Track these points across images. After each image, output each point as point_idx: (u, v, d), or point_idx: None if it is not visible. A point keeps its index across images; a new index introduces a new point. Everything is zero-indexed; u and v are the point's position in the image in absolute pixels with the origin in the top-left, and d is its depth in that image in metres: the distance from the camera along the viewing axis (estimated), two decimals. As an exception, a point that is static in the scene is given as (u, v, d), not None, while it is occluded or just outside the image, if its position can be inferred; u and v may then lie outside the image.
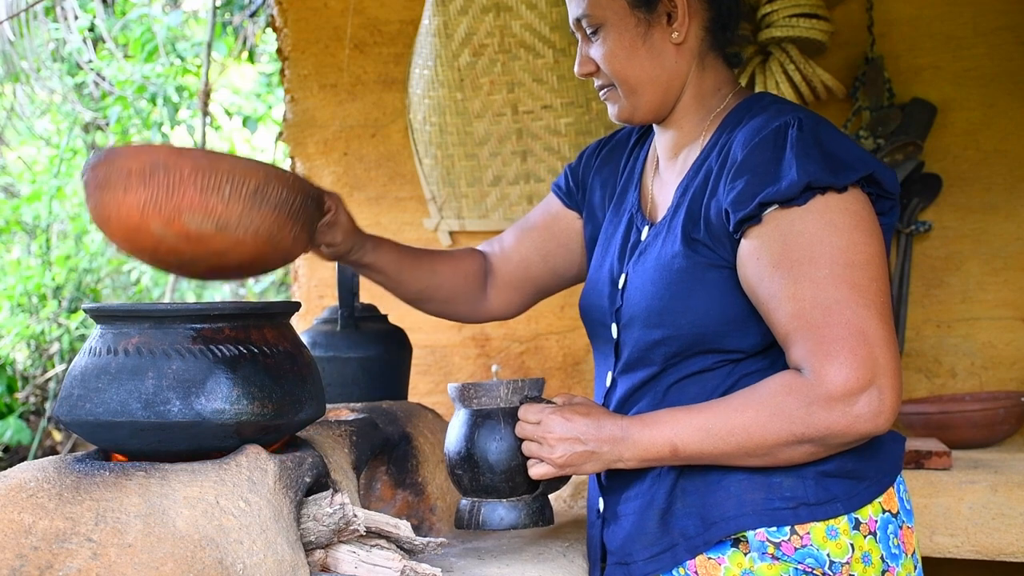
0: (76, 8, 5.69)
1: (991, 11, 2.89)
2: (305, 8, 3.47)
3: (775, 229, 1.46)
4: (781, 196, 1.45)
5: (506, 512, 1.59)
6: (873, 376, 1.40)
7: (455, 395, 1.63)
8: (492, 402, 1.61)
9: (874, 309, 1.43)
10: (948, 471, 2.35)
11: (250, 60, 5.86)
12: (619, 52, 1.62)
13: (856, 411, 1.41)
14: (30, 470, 1.35)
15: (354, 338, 2.13)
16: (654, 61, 1.62)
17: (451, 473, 1.63)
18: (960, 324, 2.94)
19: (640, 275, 1.62)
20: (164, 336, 1.36)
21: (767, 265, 1.47)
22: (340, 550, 1.43)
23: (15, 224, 6.05)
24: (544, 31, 2.94)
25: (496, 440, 1.58)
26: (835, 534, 1.50)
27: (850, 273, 1.43)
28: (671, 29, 1.61)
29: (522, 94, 3.02)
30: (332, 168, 3.49)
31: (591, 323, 1.77)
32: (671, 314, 1.55)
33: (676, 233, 1.58)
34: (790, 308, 1.44)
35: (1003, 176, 2.90)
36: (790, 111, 1.55)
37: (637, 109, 1.66)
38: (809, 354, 1.42)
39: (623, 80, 1.63)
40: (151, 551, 1.24)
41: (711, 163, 1.59)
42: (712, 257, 1.54)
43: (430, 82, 3.07)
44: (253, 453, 1.36)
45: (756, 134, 1.52)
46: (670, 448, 1.50)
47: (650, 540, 1.58)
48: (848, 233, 1.45)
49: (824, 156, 1.47)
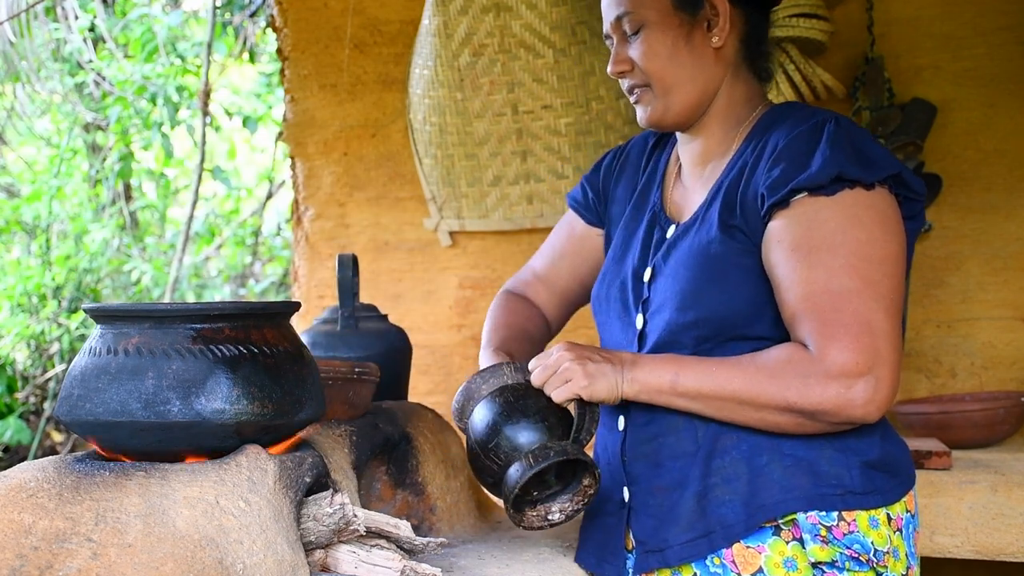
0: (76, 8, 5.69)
1: (991, 11, 2.89)
2: (305, 8, 3.47)
3: (801, 215, 1.52)
4: (811, 183, 1.51)
5: (548, 452, 1.51)
6: (873, 364, 1.45)
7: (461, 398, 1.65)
8: (499, 381, 1.64)
9: (883, 303, 1.48)
10: (948, 471, 2.35)
11: (250, 60, 5.86)
12: (661, 51, 1.65)
13: (850, 394, 1.45)
14: (30, 470, 1.35)
15: (354, 338, 2.13)
16: (694, 63, 1.66)
17: (484, 456, 1.56)
18: (960, 324, 2.95)
19: (671, 265, 1.65)
20: (164, 336, 1.36)
21: (787, 248, 1.52)
22: (340, 550, 1.43)
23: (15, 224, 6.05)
24: (544, 31, 2.94)
25: (520, 398, 1.58)
26: (876, 524, 1.55)
27: (865, 266, 1.48)
28: (711, 34, 1.65)
29: (522, 94, 3.02)
30: (332, 168, 3.49)
31: (607, 315, 1.78)
32: (706, 296, 1.58)
33: (712, 222, 1.62)
34: (801, 290, 1.49)
35: (1003, 176, 2.90)
36: (826, 112, 1.61)
37: (669, 110, 1.68)
38: (814, 333, 1.47)
39: (660, 79, 1.66)
40: (151, 551, 1.24)
41: (746, 158, 1.63)
42: (747, 244, 1.58)
43: (430, 82, 3.07)
44: (253, 453, 1.36)
45: (796, 127, 1.58)
46: (671, 378, 1.55)
47: (685, 525, 1.59)
48: (870, 228, 1.50)
49: (856, 152, 1.53)
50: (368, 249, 3.44)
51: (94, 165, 6.26)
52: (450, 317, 3.39)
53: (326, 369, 1.74)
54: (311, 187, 3.54)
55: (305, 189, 3.56)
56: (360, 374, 1.83)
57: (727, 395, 1.53)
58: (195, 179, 5.39)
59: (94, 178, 6.30)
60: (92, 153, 6.31)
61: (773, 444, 1.56)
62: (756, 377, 1.51)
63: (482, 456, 1.56)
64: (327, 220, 3.53)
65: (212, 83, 5.29)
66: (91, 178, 6.30)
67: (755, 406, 1.52)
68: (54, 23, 5.74)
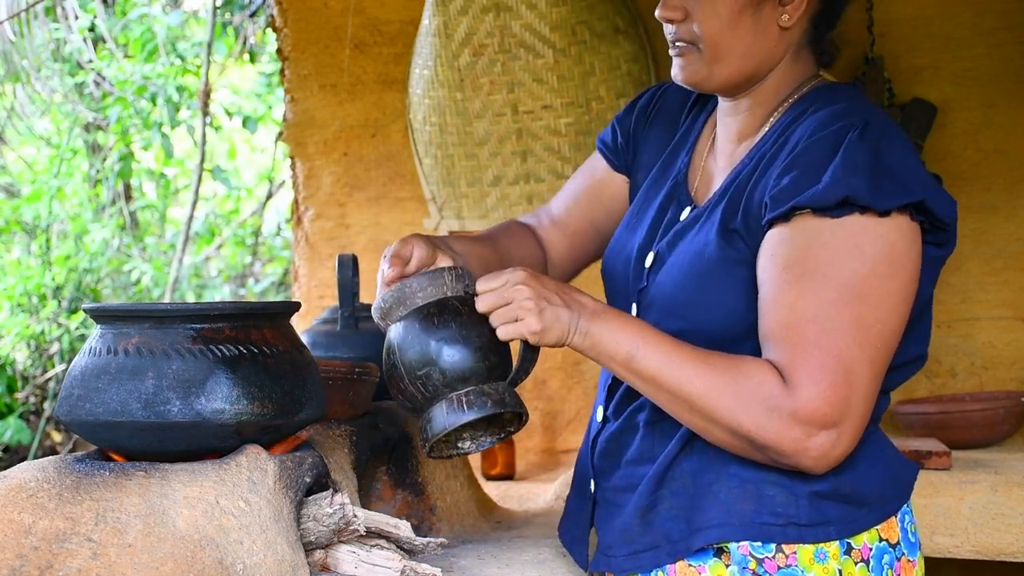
0: (76, 8, 5.69)
1: (991, 11, 2.89)
2: (305, 8, 3.47)
3: (800, 232, 1.38)
4: (815, 203, 1.36)
5: (484, 400, 1.38)
6: (840, 418, 1.34)
7: (391, 299, 1.43)
8: (439, 291, 1.42)
9: (868, 352, 1.35)
10: (948, 471, 2.35)
11: (250, 60, 5.86)
12: (724, 13, 1.47)
13: (808, 443, 1.35)
14: (30, 470, 1.35)
15: (354, 338, 2.13)
16: (756, 36, 1.48)
17: (410, 383, 1.40)
18: (960, 324, 2.94)
19: (670, 262, 1.53)
20: (164, 336, 1.36)
21: (779, 265, 1.39)
22: (340, 550, 1.43)
23: (15, 224, 6.05)
24: (544, 31, 2.94)
25: (462, 325, 1.39)
26: (824, 557, 1.43)
27: (858, 305, 1.35)
28: (782, 10, 1.48)
29: (522, 94, 3.02)
30: (332, 168, 3.49)
31: (611, 291, 1.67)
32: (694, 307, 1.47)
33: (714, 221, 1.48)
34: (784, 316, 1.37)
35: (1003, 176, 2.90)
36: (861, 110, 1.44)
37: (712, 78, 1.52)
38: (791, 365, 1.35)
39: (714, 45, 1.49)
40: (151, 551, 1.24)
41: (765, 150, 1.49)
42: (745, 252, 1.44)
43: (430, 82, 3.07)
44: (253, 453, 1.36)
45: (821, 128, 1.42)
46: (627, 351, 1.40)
47: (631, 536, 1.51)
48: (873, 262, 1.35)
49: (874, 171, 1.36)
50: (368, 249, 3.44)
51: (94, 165, 6.25)
52: (450, 317, 3.39)
53: (326, 369, 1.74)
54: (311, 187, 3.54)
55: (305, 189, 3.55)
56: (360, 374, 1.83)
57: (681, 394, 1.39)
58: (195, 179, 5.39)
59: (94, 178, 6.30)
60: (92, 153, 6.31)
61: (721, 462, 1.45)
62: (719, 387, 1.37)
63: (407, 380, 1.40)
64: (327, 220, 3.53)
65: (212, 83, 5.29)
66: (91, 178, 6.30)
67: (705, 416, 1.39)
68: (54, 23, 5.74)
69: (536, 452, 3.26)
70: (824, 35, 1.55)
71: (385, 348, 1.45)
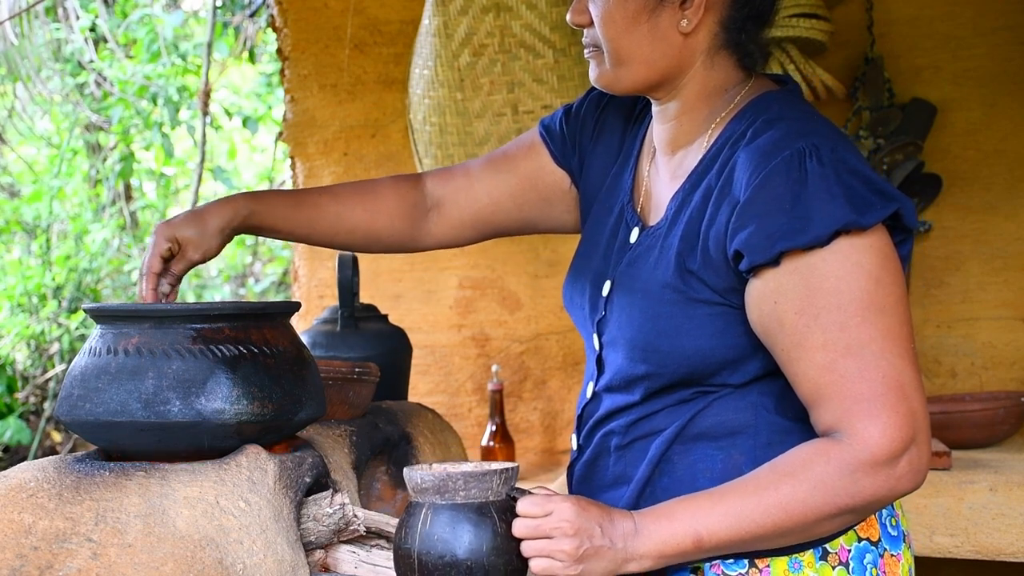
0: (77, 8, 5.69)
1: (991, 11, 2.89)
2: (305, 8, 3.47)
3: (794, 272, 1.33)
4: (808, 244, 1.31)
5: None
6: (914, 432, 1.30)
7: (430, 484, 1.31)
8: (483, 494, 1.31)
9: (908, 358, 1.32)
10: (948, 471, 2.35)
11: (250, 60, 5.86)
12: (618, 18, 1.43)
13: (899, 472, 1.30)
14: (30, 470, 1.35)
15: (354, 338, 2.13)
16: (653, 43, 1.44)
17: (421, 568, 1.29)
18: (960, 324, 2.95)
19: (626, 295, 1.49)
20: (164, 336, 1.36)
21: (790, 312, 1.33)
22: (340, 550, 1.43)
23: (15, 224, 6.05)
24: (544, 31, 2.94)
25: (494, 539, 1.30)
26: (799, 567, 1.40)
27: (880, 318, 1.31)
28: (681, 15, 1.43)
29: (522, 94, 3.02)
30: (332, 168, 3.49)
31: (576, 319, 1.64)
32: (657, 353, 1.43)
33: (669, 258, 1.43)
34: (820, 359, 1.32)
35: (1003, 176, 2.91)
36: (802, 134, 1.37)
37: (620, 81, 1.48)
38: (847, 414, 1.30)
39: (613, 50, 1.45)
40: (151, 551, 1.24)
41: (711, 180, 1.43)
42: (704, 292, 1.40)
43: (430, 82, 3.07)
44: (253, 453, 1.37)
45: (765, 161, 1.35)
46: (693, 539, 1.32)
47: None
48: (876, 275, 1.33)
49: (848, 193, 1.32)
50: (368, 249, 3.44)
51: (94, 165, 6.26)
52: (450, 317, 3.40)
53: (326, 369, 1.74)
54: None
55: (305, 189, 3.56)
56: (360, 374, 1.83)
57: (767, 532, 1.31)
58: (195, 179, 5.39)
59: (94, 178, 6.31)
60: (92, 153, 6.31)
61: (691, 479, 1.42)
62: (796, 495, 1.30)
63: (416, 571, 1.30)
64: (327, 220, 3.53)
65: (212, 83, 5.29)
66: (91, 178, 6.30)
67: (804, 526, 1.32)
68: (55, 23, 5.74)
69: (536, 452, 3.27)
70: (745, 39, 1.48)
71: (404, 520, 1.34)
